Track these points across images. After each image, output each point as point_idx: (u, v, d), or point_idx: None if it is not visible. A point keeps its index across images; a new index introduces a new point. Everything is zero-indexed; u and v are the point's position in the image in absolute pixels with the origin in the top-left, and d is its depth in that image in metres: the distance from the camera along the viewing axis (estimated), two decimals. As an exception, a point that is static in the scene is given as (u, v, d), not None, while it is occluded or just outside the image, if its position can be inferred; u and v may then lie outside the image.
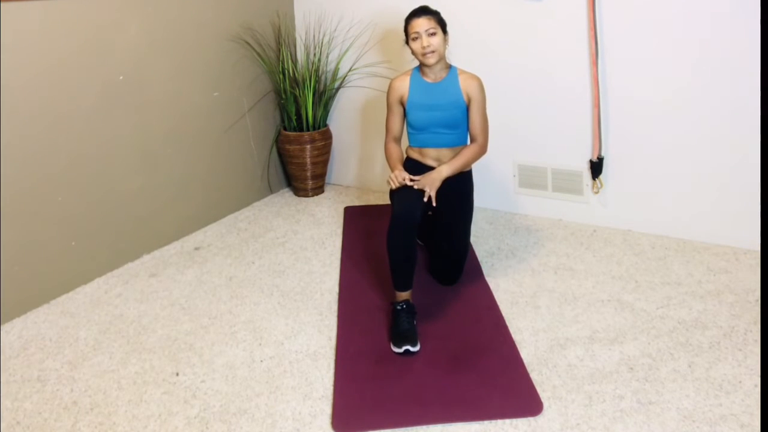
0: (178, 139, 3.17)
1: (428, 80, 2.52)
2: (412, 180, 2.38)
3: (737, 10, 2.63)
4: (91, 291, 2.73)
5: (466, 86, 2.50)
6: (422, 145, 2.56)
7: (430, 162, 2.56)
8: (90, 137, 2.76)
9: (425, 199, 2.34)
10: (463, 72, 2.54)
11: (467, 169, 2.57)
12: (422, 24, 2.41)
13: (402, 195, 2.33)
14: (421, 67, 2.53)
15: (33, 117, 2.54)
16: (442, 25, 2.46)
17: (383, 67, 3.61)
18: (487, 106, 2.58)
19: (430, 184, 2.37)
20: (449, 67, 2.54)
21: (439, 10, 2.51)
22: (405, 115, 2.58)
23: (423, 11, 2.45)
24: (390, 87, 2.56)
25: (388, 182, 2.39)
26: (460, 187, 2.57)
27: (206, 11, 3.24)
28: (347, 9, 3.63)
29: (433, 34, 2.42)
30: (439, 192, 2.53)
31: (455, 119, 2.51)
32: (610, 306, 2.42)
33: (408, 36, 2.48)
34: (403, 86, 2.54)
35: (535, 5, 3.07)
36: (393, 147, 2.57)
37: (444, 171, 2.44)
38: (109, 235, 2.88)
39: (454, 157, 2.52)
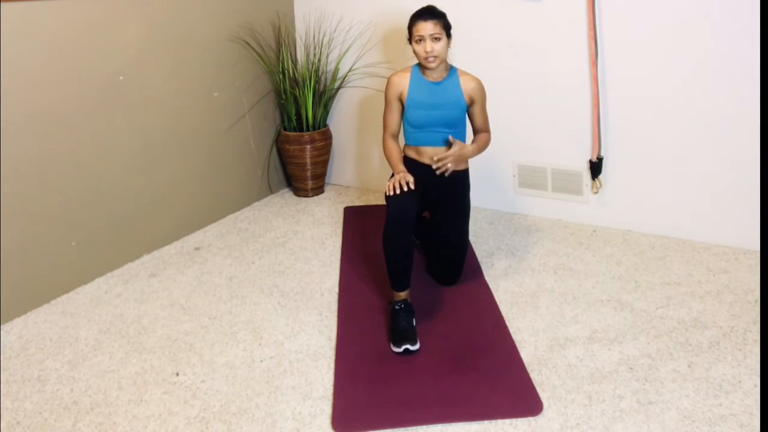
0: (178, 139, 3.17)
1: (429, 79, 2.52)
2: (438, 160, 2.42)
3: (737, 10, 2.63)
4: (91, 291, 2.73)
5: (467, 88, 2.51)
6: (420, 144, 2.56)
7: (427, 161, 2.56)
8: (90, 137, 2.76)
9: (440, 171, 2.38)
10: (464, 73, 2.54)
11: (480, 152, 2.60)
12: (428, 28, 2.38)
13: (397, 194, 2.33)
14: (422, 66, 2.53)
15: (33, 117, 2.54)
16: (447, 29, 2.44)
17: (383, 67, 3.61)
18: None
19: (455, 161, 2.39)
20: (450, 67, 2.54)
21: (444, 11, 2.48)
22: (403, 111, 2.58)
23: (430, 14, 2.40)
24: (389, 82, 2.55)
25: (392, 187, 2.33)
26: (456, 187, 2.57)
27: (206, 11, 3.24)
28: (347, 9, 3.63)
29: (438, 38, 2.39)
30: (436, 192, 2.54)
31: (455, 119, 2.51)
32: (610, 306, 2.42)
33: (411, 36, 2.45)
34: (403, 83, 2.54)
35: (535, 5, 3.07)
36: (392, 145, 2.55)
37: (470, 150, 2.48)
38: (109, 235, 2.88)
39: (476, 141, 2.56)
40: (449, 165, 2.40)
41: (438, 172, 2.42)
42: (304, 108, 3.61)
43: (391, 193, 2.32)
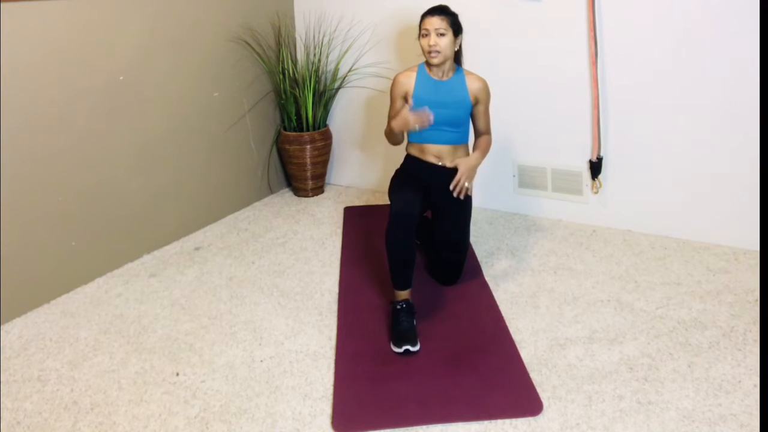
0: (178, 139, 3.17)
1: (435, 77, 2.53)
2: (445, 168, 2.52)
3: (737, 10, 2.64)
4: (91, 291, 2.73)
5: (473, 87, 2.53)
6: (424, 141, 2.56)
7: (430, 159, 2.57)
8: (90, 137, 2.76)
9: (458, 193, 2.44)
10: (470, 73, 2.56)
11: (485, 156, 2.63)
12: (434, 23, 2.43)
13: (401, 193, 2.34)
14: (428, 64, 2.54)
15: (33, 117, 2.54)
16: (455, 27, 2.47)
17: (383, 67, 3.61)
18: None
19: (468, 176, 2.45)
20: (456, 67, 2.56)
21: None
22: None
23: (440, 11, 2.47)
24: (395, 81, 2.57)
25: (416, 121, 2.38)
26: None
27: (206, 11, 3.24)
28: (347, 9, 3.63)
29: (443, 35, 2.43)
30: (439, 192, 2.54)
31: (459, 118, 2.52)
32: (610, 306, 2.42)
33: (420, 31, 2.50)
34: (409, 82, 2.55)
35: (535, 5, 3.07)
36: None
37: (479, 159, 2.53)
38: (109, 235, 2.88)
39: (479, 147, 2.59)
40: (466, 183, 2.46)
41: (462, 196, 2.47)
42: (304, 108, 3.61)
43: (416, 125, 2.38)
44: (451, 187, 2.46)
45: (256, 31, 3.56)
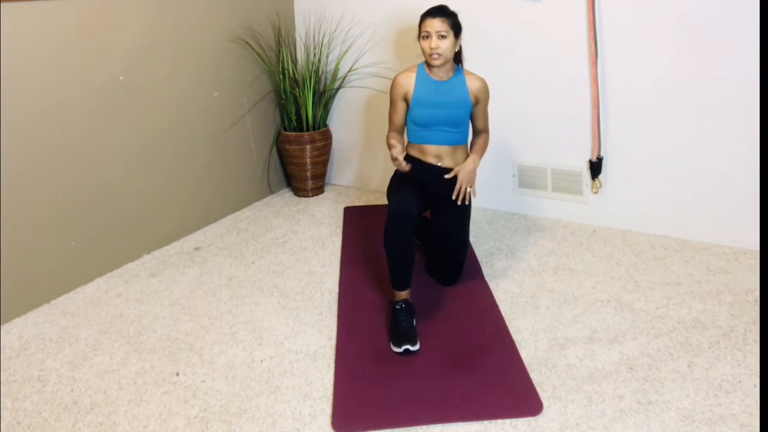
0: (178, 139, 3.17)
1: (435, 78, 2.53)
2: (444, 169, 2.52)
3: (737, 10, 2.64)
4: (91, 291, 2.73)
5: (473, 87, 2.53)
6: (424, 142, 2.56)
7: (430, 159, 2.57)
8: (90, 137, 2.76)
9: (462, 199, 2.47)
10: (470, 73, 2.56)
11: (482, 157, 2.66)
12: (435, 25, 2.41)
13: (399, 193, 2.34)
14: (428, 64, 2.53)
15: (33, 117, 2.54)
16: (455, 28, 2.46)
17: (383, 67, 3.61)
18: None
19: (468, 181, 2.48)
20: (455, 67, 2.55)
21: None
22: (408, 110, 2.58)
23: (440, 12, 2.44)
24: (395, 82, 2.56)
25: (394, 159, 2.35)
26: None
27: (206, 11, 3.24)
28: (347, 9, 3.63)
29: (444, 37, 2.42)
30: (438, 192, 2.54)
31: (460, 118, 2.52)
32: (610, 306, 2.42)
33: (420, 32, 2.48)
34: (409, 82, 2.54)
35: (535, 5, 3.07)
36: (393, 135, 2.57)
37: (477, 162, 2.54)
38: (109, 235, 2.88)
39: (476, 148, 2.61)
40: (468, 189, 2.49)
41: (467, 202, 2.50)
42: (304, 108, 3.61)
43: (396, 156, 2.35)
44: (454, 197, 2.47)
45: (256, 31, 3.56)
